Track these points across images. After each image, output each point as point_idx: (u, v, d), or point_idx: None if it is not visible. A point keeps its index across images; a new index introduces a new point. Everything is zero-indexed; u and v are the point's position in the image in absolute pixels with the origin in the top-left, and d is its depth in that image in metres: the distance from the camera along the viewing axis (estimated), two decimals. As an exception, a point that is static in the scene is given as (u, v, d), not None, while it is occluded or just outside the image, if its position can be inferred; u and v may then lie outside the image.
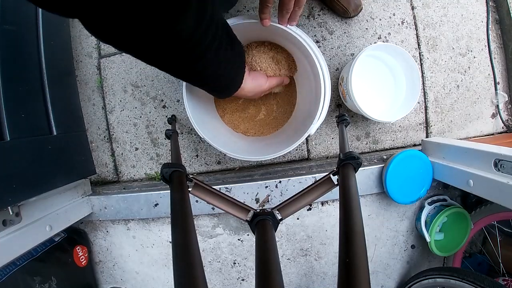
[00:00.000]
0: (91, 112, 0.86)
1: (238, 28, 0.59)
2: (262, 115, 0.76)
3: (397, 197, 0.70)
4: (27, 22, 0.66)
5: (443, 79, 0.77)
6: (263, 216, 0.36)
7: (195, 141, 0.82)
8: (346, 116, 0.63)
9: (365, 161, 0.76)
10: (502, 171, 0.52)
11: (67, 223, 0.74)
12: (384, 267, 0.82)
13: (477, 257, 0.82)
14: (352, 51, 0.77)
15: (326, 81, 0.57)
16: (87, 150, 0.84)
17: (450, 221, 0.72)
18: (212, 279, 0.85)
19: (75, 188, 0.80)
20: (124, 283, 0.90)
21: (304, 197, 0.41)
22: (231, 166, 0.83)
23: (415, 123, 0.78)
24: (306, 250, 0.81)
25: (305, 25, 0.76)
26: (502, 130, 0.81)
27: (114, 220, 0.85)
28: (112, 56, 0.84)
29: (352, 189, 0.35)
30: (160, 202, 0.79)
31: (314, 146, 0.80)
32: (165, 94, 0.82)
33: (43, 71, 0.69)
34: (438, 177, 0.68)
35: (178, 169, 0.41)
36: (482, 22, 0.77)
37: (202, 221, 0.81)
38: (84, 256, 0.81)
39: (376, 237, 0.79)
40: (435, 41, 0.76)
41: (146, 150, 0.85)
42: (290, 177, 0.75)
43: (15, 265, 0.63)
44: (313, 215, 0.78)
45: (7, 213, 0.60)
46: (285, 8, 0.46)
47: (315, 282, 0.84)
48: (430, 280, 0.65)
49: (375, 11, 0.75)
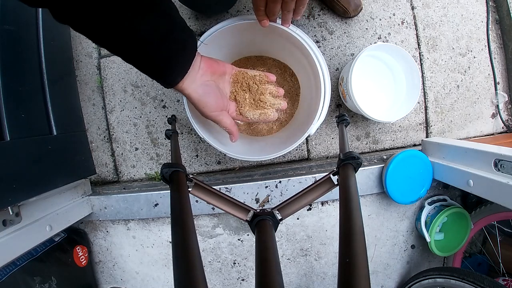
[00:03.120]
0: (91, 112, 0.86)
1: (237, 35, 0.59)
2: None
3: (397, 197, 0.70)
4: (27, 22, 0.66)
5: (443, 79, 0.77)
6: (263, 216, 0.36)
7: (195, 141, 0.82)
8: (346, 116, 0.63)
9: (365, 161, 0.76)
10: (502, 171, 0.52)
11: (67, 223, 0.74)
12: (384, 267, 0.82)
13: (477, 257, 0.82)
14: (352, 51, 0.77)
15: (326, 81, 0.57)
16: (87, 150, 0.84)
17: (450, 221, 0.72)
18: (212, 279, 0.85)
19: (75, 188, 0.80)
20: (124, 283, 0.90)
21: (304, 197, 0.41)
22: (231, 166, 0.83)
23: (415, 123, 0.78)
24: (306, 250, 0.81)
25: (305, 25, 0.76)
26: (502, 130, 0.81)
27: (114, 220, 0.85)
28: (112, 56, 0.84)
29: (352, 189, 0.35)
30: (160, 202, 0.79)
31: (314, 146, 0.80)
32: (165, 94, 0.82)
33: (43, 71, 0.69)
34: (438, 177, 0.68)
35: (178, 169, 0.41)
36: (482, 22, 0.77)
37: (202, 221, 0.81)
38: (84, 256, 0.81)
39: (376, 237, 0.79)
40: (435, 41, 0.76)
41: (146, 150, 0.85)
42: (290, 177, 0.75)
43: (15, 265, 0.63)
44: (313, 215, 0.78)
45: (7, 213, 0.60)
46: (286, 8, 0.46)
47: (315, 282, 0.84)
48: (430, 280, 0.65)
49: (375, 11, 0.75)
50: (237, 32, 0.59)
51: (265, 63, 0.73)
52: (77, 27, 0.34)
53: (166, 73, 0.40)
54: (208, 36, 0.57)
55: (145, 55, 0.37)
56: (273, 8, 0.47)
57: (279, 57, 0.72)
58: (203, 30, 0.78)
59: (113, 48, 0.36)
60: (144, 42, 0.36)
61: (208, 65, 0.46)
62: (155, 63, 0.39)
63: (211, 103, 0.46)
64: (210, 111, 0.47)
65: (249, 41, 0.65)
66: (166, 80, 0.41)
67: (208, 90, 0.46)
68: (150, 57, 0.38)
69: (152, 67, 0.40)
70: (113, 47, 0.36)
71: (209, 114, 0.47)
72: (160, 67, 0.39)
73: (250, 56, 0.73)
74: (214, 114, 0.48)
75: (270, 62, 0.73)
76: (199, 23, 0.78)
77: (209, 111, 0.47)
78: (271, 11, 0.47)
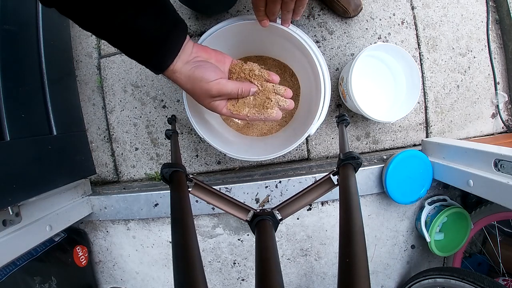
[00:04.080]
0: (91, 112, 0.86)
1: (237, 35, 0.59)
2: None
3: (397, 197, 0.70)
4: (27, 22, 0.66)
5: (443, 79, 0.77)
6: (263, 216, 0.36)
7: (195, 141, 0.82)
8: (346, 116, 0.63)
9: (365, 161, 0.76)
10: (502, 171, 0.52)
11: (67, 223, 0.74)
12: (384, 267, 0.82)
13: (477, 257, 0.82)
14: (352, 51, 0.77)
15: (326, 81, 0.57)
16: (87, 150, 0.84)
17: (450, 221, 0.72)
18: (212, 279, 0.85)
19: (75, 188, 0.80)
20: (124, 283, 0.90)
21: (304, 197, 0.41)
22: (231, 166, 0.83)
23: (415, 123, 0.78)
24: (306, 250, 0.81)
25: (305, 25, 0.76)
26: (502, 130, 0.81)
27: (114, 220, 0.85)
28: (112, 56, 0.84)
29: (352, 189, 0.35)
30: (160, 202, 0.79)
31: (314, 146, 0.80)
32: (165, 94, 0.82)
33: (43, 71, 0.69)
34: (438, 177, 0.68)
35: (178, 169, 0.41)
36: (482, 22, 0.77)
37: (202, 221, 0.81)
38: (84, 256, 0.81)
39: (376, 237, 0.79)
40: (435, 41, 0.76)
41: (146, 150, 0.85)
42: (290, 177, 0.75)
43: (15, 265, 0.63)
44: (313, 215, 0.78)
45: (7, 213, 0.60)
46: (285, 8, 0.46)
47: (315, 282, 0.84)
48: (430, 280, 0.65)
49: (375, 11, 0.75)
50: (237, 32, 0.59)
51: (265, 63, 0.73)
52: (63, 10, 0.33)
53: (156, 53, 0.37)
54: (208, 36, 0.57)
55: (133, 34, 0.35)
56: (273, 8, 0.47)
57: (279, 57, 0.72)
58: (203, 30, 0.78)
59: (99, 31, 0.35)
60: (132, 21, 0.34)
61: (203, 50, 0.43)
62: (143, 43, 0.36)
63: (208, 74, 0.41)
64: (209, 81, 0.41)
65: (249, 41, 0.65)
66: (158, 62, 0.38)
67: (202, 64, 0.42)
68: (138, 37, 0.36)
69: (140, 48, 0.37)
70: (99, 30, 0.35)
71: (208, 85, 0.41)
72: (149, 47, 0.37)
73: (250, 56, 0.73)
74: (215, 82, 0.41)
75: (270, 62, 0.73)
76: (199, 23, 0.78)
77: (208, 81, 0.41)
78: (271, 11, 0.47)
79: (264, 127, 0.76)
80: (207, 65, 0.42)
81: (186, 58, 0.41)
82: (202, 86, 0.41)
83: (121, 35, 0.36)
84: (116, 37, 0.36)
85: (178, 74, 0.40)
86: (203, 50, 0.43)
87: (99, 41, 0.85)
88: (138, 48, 0.37)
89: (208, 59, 0.43)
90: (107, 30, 0.35)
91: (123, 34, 0.35)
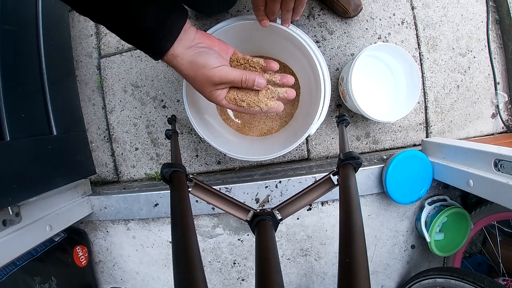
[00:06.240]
0: (91, 112, 0.86)
1: (237, 35, 0.59)
2: (262, 115, 0.76)
3: (397, 197, 0.70)
4: (27, 22, 0.66)
5: (443, 79, 0.77)
6: (263, 216, 0.36)
7: (195, 141, 0.82)
8: (346, 116, 0.63)
9: (365, 161, 0.76)
10: (502, 171, 0.52)
11: (67, 223, 0.74)
12: (384, 267, 0.82)
13: (477, 257, 0.82)
14: (352, 51, 0.77)
15: (326, 81, 0.57)
16: (87, 150, 0.84)
17: (450, 221, 0.72)
18: (212, 279, 0.85)
19: (75, 188, 0.80)
20: (124, 283, 0.90)
21: (304, 197, 0.41)
22: (231, 166, 0.83)
23: (415, 123, 0.78)
24: (306, 250, 0.81)
25: (305, 25, 0.76)
26: (502, 130, 0.81)
27: (114, 220, 0.85)
28: (112, 56, 0.84)
29: (352, 189, 0.35)
30: (160, 202, 0.79)
31: (314, 146, 0.80)
32: (165, 94, 0.82)
33: (43, 71, 0.69)
34: (438, 177, 0.68)
35: (178, 169, 0.41)
36: (482, 22, 0.77)
37: (202, 221, 0.81)
38: (84, 256, 0.81)
39: (376, 237, 0.79)
40: (435, 41, 0.76)
41: (146, 150, 0.85)
42: (290, 177, 0.75)
43: (15, 265, 0.63)
44: (313, 215, 0.78)
45: (7, 213, 0.60)
46: (285, 7, 0.46)
47: (315, 282, 0.84)
48: (430, 280, 0.65)
49: (375, 11, 0.75)
50: (237, 32, 0.59)
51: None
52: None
53: (154, 36, 0.36)
54: (208, 36, 0.57)
55: (129, 17, 0.34)
56: (273, 7, 0.47)
57: (279, 57, 0.72)
58: (203, 30, 0.78)
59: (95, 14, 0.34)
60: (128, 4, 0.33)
61: (206, 37, 0.42)
62: (141, 26, 0.35)
63: (212, 60, 0.40)
64: (212, 67, 0.40)
65: (249, 41, 0.65)
66: (157, 45, 0.37)
67: (206, 50, 0.40)
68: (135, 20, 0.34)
69: (138, 31, 0.35)
70: (95, 13, 0.34)
71: (211, 71, 0.40)
72: (147, 30, 0.35)
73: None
74: (218, 68, 0.40)
75: (270, 62, 0.73)
76: (199, 23, 0.78)
77: (211, 67, 0.40)
78: (271, 10, 0.47)
79: (264, 127, 0.76)
80: (210, 51, 0.41)
81: (188, 43, 0.39)
82: (205, 73, 0.40)
83: (118, 18, 0.34)
84: (112, 21, 0.35)
85: (179, 59, 0.39)
86: (206, 37, 0.42)
87: (99, 41, 0.85)
88: (136, 31, 0.36)
89: (212, 46, 0.42)
90: (103, 13, 0.34)
91: (119, 17, 0.34)
